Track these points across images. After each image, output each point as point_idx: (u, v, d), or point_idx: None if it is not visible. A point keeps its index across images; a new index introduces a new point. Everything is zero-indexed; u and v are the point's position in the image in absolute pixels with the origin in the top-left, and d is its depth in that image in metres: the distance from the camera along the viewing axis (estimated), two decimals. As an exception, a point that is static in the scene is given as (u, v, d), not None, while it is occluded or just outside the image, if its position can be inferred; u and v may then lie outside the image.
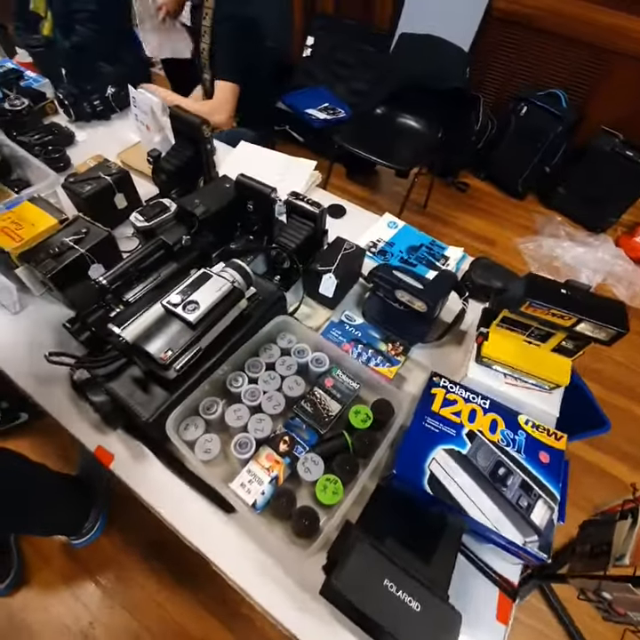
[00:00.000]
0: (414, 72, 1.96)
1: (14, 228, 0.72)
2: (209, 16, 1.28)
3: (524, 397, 0.61)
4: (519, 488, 0.52)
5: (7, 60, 1.32)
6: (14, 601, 1.14)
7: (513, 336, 0.60)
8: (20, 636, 1.09)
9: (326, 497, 0.53)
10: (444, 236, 2.22)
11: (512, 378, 0.62)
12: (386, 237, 0.97)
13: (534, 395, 0.61)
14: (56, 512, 1.05)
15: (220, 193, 0.82)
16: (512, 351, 0.59)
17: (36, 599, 1.15)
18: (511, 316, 0.57)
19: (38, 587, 1.16)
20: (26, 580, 1.16)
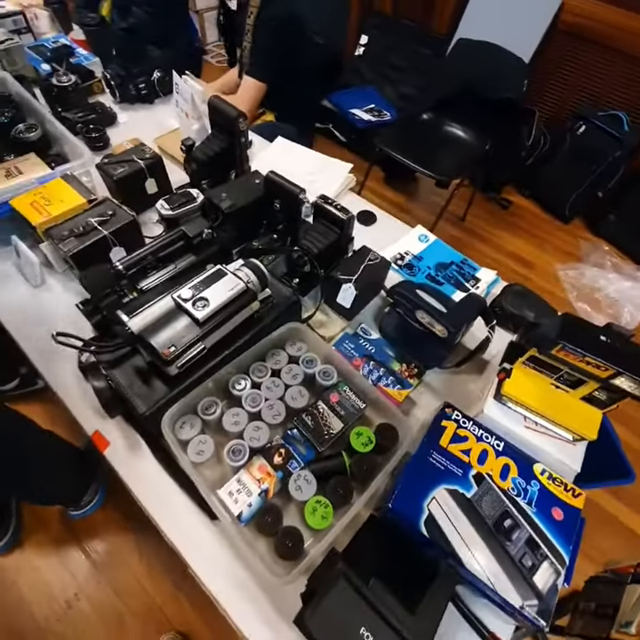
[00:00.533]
0: (468, 79, 1.89)
1: (43, 203, 0.73)
2: (253, 15, 1.28)
3: (544, 445, 0.56)
4: (525, 545, 0.47)
5: (62, 36, 1.35)
6: (7, 561, 1.17)
7: (539, 377, 0.55)
8: (9, 597, 1.13)
9: (314, 520, 0.50)
10: (480, 253, 2.14)
11: (533, 422, 0.57)
12: (415, 251, 0.93)
13: (555, 444, 0.56)
14: (57, 480, 1.07)
15: (248, 188, 0.80)
16: (536, 393, 0.55)
17: (29, 562, 1.18)
18: (540, 357, 0.52)
19: (32, 550, 1.20)
20: (21, 542, 1.20)
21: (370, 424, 0.62)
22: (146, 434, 0.61)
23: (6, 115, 0.94)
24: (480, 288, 0.88)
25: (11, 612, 1.11)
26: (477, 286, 0.89)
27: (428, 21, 2.49)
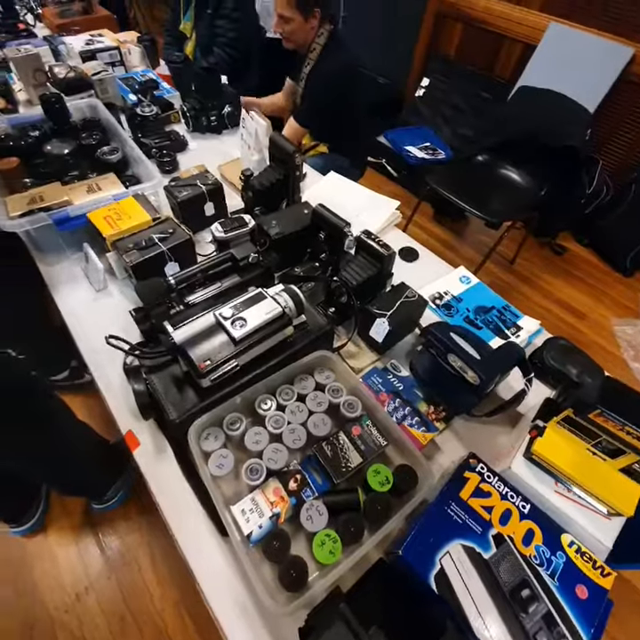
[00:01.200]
0: (528, 125, 1.89)
1: (115, 218, 0.81)
2: (310, 66, 1.38)
3: (575, 514, 0.52)
4: (541, 619, 0.44)
5: (149, 70, 1.52)
6: (30, 544, 1.23)
7: (574, 440, 0.52)
8: (26, 581, 1.18)
9: (322, 554, 0.50)
10: (527, 298, 2.06)
11: (564, 487, 0.53)
12: (455, 292, 0.92)
13: (588, 515, 0.52)
14: (85, 472, 1.13)
15: (297, 218, 0.84)
16: (570, 457, 0.51)
17: (48, 549, 1.23)
18: (576, 419, 0.50)
19: (53, 536, 1.25)
20: (45, 527, 1.26)
21: (389, 463, 0.61)
22: (173, 440, 0.64)
23: (94, 137, 1.07)
24: (521, 337, 0.85)
25: (25, 596, 1.16)
26: (518, 335, 0.86)
27: (492, 67, 2.53)
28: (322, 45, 1.39)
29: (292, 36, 1.38)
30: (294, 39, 1.39)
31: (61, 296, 0.85)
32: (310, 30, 1.36)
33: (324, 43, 1.38)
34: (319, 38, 1.38)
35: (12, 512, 1.19)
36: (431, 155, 2.60)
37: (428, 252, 1.03)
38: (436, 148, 2.64)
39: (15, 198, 0.85)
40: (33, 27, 1.95)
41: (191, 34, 1.84)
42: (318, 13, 1.32)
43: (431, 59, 2.79)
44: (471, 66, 2.60)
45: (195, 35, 1.83)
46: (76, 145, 1.04)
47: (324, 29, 1.37)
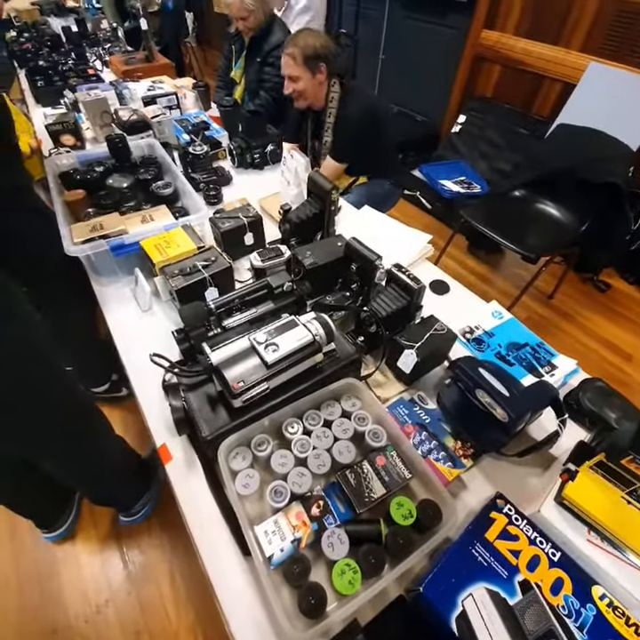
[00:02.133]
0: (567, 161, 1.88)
1: (164, 245, 0.88)
2: (332, 115, 1.46)
3: (607, 566, 0.49)
4: (571, 678, 0.41)
5: (202, 113, 1.67)
6: (58, 551, 1.28)
7: (608, 487, 0.50)
8: (51, 586, 1.22)
9: (341, 584, 0.49)
10: (567, 335, 1.99)
11: (597, 536, 0.51)
12: (486, 326, 0.92)
13: (622, 567, 0.49)
14: (117, 483, 1.17)
15: (330, 249, 0.89)
16: (603, 504, 0.49)
17: (75, 557, 1.27)
18: (610, 465, 0.48)
19: (81, 545, 1.29)
20: (74, 535, 1.30)
21: (413, 496, 0.61)
22: (203, 456, 0.66)
23: (150, 173, 1.18)
24: (556, 376, 0.83)
25: (49, 600, 1.19)
26: (553, 374, 0.83)
27: (530, 105, 2.57)
28: (338, 93, 1.45)
29: (303, 94, 1.44)
30: (306, 96, 1.45)
31: (111, 314, 0.93)
32: (319, 85, 1.43)
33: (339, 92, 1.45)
34: (334, 87, 1.45)
35: (46, 517, 1.24)
36: (466, 188, 2.63)
37: (459, 285, 1.03)
38: (471, 182, 2.67)
39: (79, 226, 0.95)
40: (101, 72, 2.21)
41: (240, 80, 2.02)
42: (324, 67, 1.39)
43: (468, 97, 2.86)
44: (508, 104, 2.65)
45: (244, 80, 2.00)
46: (134, 179, 1.15)
47: (335, 80, 1.44)
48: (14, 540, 1.31)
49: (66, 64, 2.13)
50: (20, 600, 1.19)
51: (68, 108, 1.76)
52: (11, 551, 1.29)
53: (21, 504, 1.14)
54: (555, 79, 2.38)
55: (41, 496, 1.18)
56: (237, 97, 2.03)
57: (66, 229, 0.93)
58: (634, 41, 1.99)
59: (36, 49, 2.35)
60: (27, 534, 1.31)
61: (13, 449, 0.85)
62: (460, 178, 2.71)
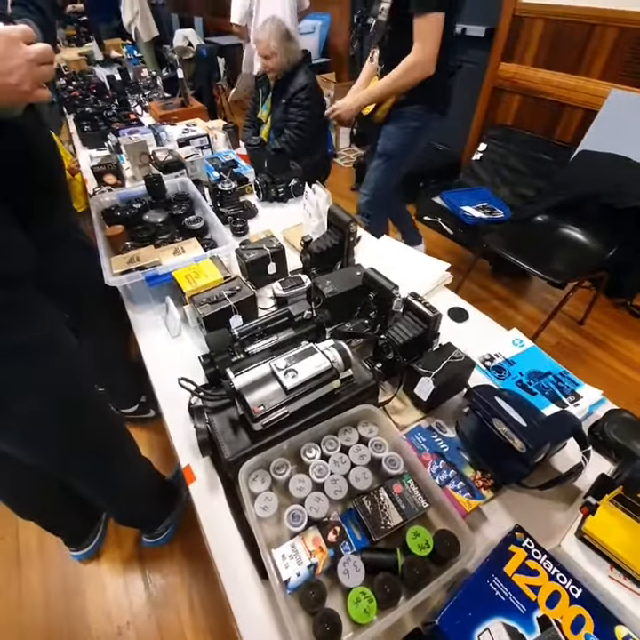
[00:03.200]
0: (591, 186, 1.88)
1: (194, 276, 0.95)
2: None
3: (631, 604, 0.47)
4: None
5: (231, 151, 1.79)
6: (84, 569, 1.31)
7: (629, 522, 0.49)
8: (75, 604, 1.25)
9: (356, 612, 0.50)
10: (599, 362, 1.92)
11: (620, 573, 0.49)
12: (507, 354, 0.91)
13: (649, 608, 0.47)
14: (142, 504, 1.20)
15: (349, 278, 0.92)
16: (625, 540, 0.48)
17: (99, 577, 1.30)
18: (629, 499, 0.47)
19: (105, 565, 1.32)
20: (99, 554, 1.34)
21: (430, 526, 0.61)
22: (225, 478, 0.69)
23: (183, 208, 1.27)
24: (580, 406, 0.81)
25: (73, 618, 1.22)
26: (577, 404, 0.81)
27: (552, 132, 2.59)
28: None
29: None
30: None
31: (144, 339, 0.99)
32: None
33: None
34: None
35: (74, 535, 1.29)
36: (489, 214, 2.63)
37: (478, 312, 1.04)
38: (494, 208, 2.68)
39: (118, 259, 1.04)
40: (141, 116, 2.41)
41: (267, 119, 2.16)
42: None
43: (488, 126, 2.92)
44: (529, 131, 2.68)
45: (270, 120, 2.14)
46: (168, 215, 1.25)
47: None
48: (43, 556, 1.35)
49: (110, 110, 2.34)
50: (46, 615, 1.23)
51: (111, 150, 1.93)
52: (40, 566, 1.33)
53: (52, 521, 1.19)
54: (575, 106, 2.40)
55: (71, 514, 1.23)
56: (264, 135, 2.17)
57: (106, 262, 1.02)
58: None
59: (83, 96, 2.60)
60: (55, 551, 1.35)
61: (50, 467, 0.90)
62: (482, 204, 2.73)
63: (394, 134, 1.66)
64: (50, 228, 0.96)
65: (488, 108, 2.90)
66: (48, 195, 0.96)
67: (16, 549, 1.37)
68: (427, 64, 1.36)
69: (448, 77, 1.55)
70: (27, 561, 1.34)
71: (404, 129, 1.63)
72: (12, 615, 1.23)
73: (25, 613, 1.23)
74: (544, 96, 2.51)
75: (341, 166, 3.71)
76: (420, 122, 1.60)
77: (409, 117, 1.60)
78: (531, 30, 2.43)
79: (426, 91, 1.45)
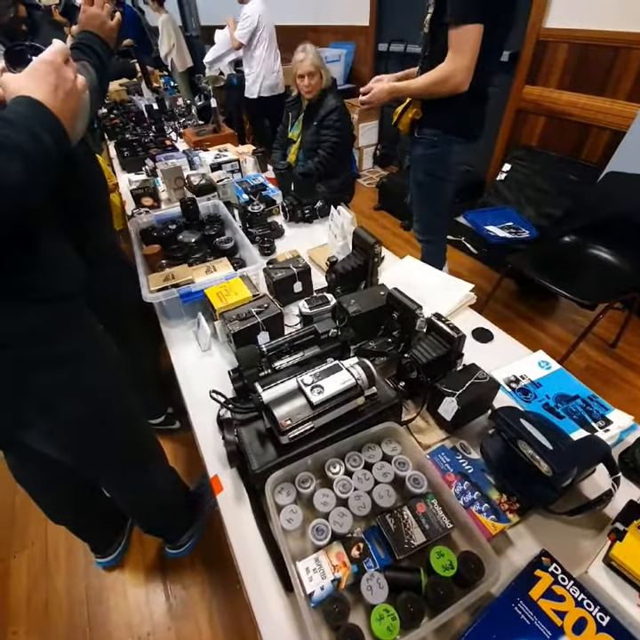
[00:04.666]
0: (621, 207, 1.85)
1: (224, 293, 1.00)
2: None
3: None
4: None
5: (259, 175, 1.88)
6: (107, 577, 1.34)
7: (660, 550, 0.48)
8: (99, 611, 1.27)
9: (380, 629, 0.50)
10: (633, 386, 1.84)
11: (652, 604, 0.47)
12: (533, 376, 0.91)
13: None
14: (168, 513, 1.23)
15: (373, 298, 0.95)
16: (656, 568, 0.47)
17: (122, 585, 1.32)
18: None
19: (129, 574, 1.35)
20: (123, 560, 1.37)
21: (454, 547, 0.60)
22: (251, 489, 0.71)
23: (214, 229, 1.34)
24: (611, 432, 0.79)
25: (95, 624, 1.24)
26: (607, 429, 0.79)
27: (578, 153, 2.57)
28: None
29: None
30: None
31: (176, 352, 1.04)
32: None
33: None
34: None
35: (101, 542, 1.32)
36: (514, 234, 2.62)
37: (503, 333, 1.04)
38: (519, 227, 2.66)
39: (155, 276, 1.10)
40: (175, 142, 2.56)
41: (297, 138, 2.26)
42: None
43: (513, 147, 2.93)
44: (555, 152, 2.68)
45: (300, 139, 2.24)
46: (200, 235, 1.32)
47: None
48: (70, 563, 1.39)
49: (147, 136, 2.51)
50: (69, 621, 1.26)
51: (148, 174, 2.06)
52: (66, 573, 1.37)
53: (82, 526, 1.23)
54: (602, 127, 2.39)
55: (99, 521, 1.27)
56: (292, 154, 2.27)
57: (144, 279, 1.09)
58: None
59: (123, 124, 2.79)
60: (82, 557, 1.39)
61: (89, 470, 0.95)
62: (507, 223, 2.71)
63: (419, 163, 1.62)
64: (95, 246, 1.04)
65: (512, 129, 2.91)
66: (95, 216, 1.04)
67: (44, 555, 1.42)
68: (458, 76, 1.27)
69: (482, 101, 1.46)
70: (55, 567, 1.39)
71: (425, 157, 1.59)
72: (38, 620, 1.27)
73: (49, 619, 1.27)
74: (569, 117, 2.51)
75: (365, 187, 3.79)
76: (438, 148, 1.54)
77: (427, 144, 1.55)
78: (555, 54, 2.46)
79: (447, 112, 1.40)
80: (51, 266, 0.68)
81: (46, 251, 0.67)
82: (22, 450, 0.82)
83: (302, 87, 2.09)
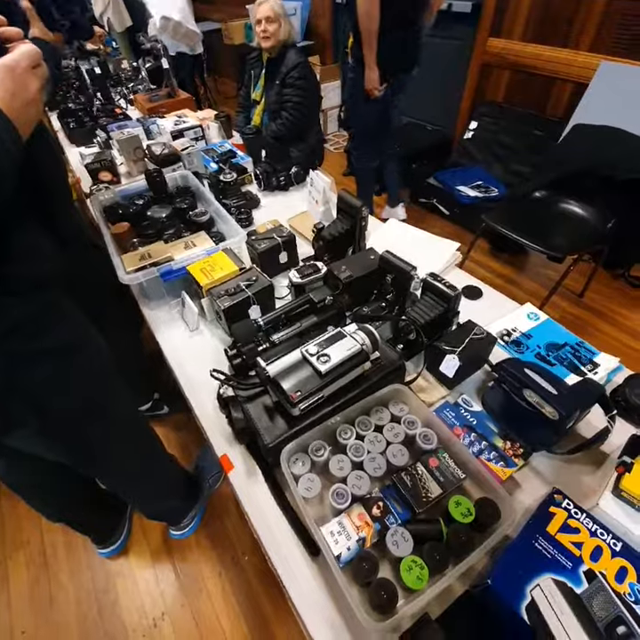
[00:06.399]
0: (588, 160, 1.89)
1: (209, 269, 0.95)
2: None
3: None
4: (645, 663, 0.42)
5: (225, 141, 1.77)
6: (113, 565, 1.33)
7: (665, 476, 0.52)
8: (107, 598, 1.27)
9: (410, 579, 0.52)
10: (603, 334, 1.96)
11: (658, 525, 0.52)
12: (523, 328, 0.93)
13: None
14: (168, 499, 1.22)
15: (364, 263, 0.93)
16: (661, 493, 0.51)
17: (129, 570, 1.32)
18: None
19: (134, 559, 1.34)
20: (127, 550, 1.36)
21: (468, 496, 0.63)
22: (263, 464, 0.70)
23: (186, 202, 1.26)
24: (599, 374, 0.83)
25: (106, 613, 1.24)
26: (596, 372, 0.84)
27: (543, 107, 2.58)
28: None
29: None
30: None
31: (162, 335, 0.99)
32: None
33: None
34: None
35: (101, 533, 1.30)
36: (484, 192, 2.64)
37: (491, 289, 1.05)
38: (488, 186, 2.68)
39: (129, 256, 1.03)
40: (126, 109, 2.36)
41: (261, 99, 2.13)
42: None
43: (478, 103, 2.90)
44: (521, 107, 2.67)
45: (263, 100, 2.12)
46: (172, 209, 1.23)
47: None
48: (70, 556, 1.37)
49: (93, 105, 2.29)
50: (78, 611, 1.25)
51: (101, 147, 1.88)
52: (68, 566, 1.35)
53: (81, 521, 1.20)
54: (566, 80, 2.39)
55: (99, 512, 1.24)
56: (257, 115, 2.14)
57: (117, 260, 1.01)
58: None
59: (63, 92, 2.52)
60: (82, 549, 1.37)
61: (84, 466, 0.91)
62: (477, 182, 2.73)
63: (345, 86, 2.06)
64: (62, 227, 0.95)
65: (477, 84, 2.87)
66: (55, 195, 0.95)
67: (42, 552, 1.38)
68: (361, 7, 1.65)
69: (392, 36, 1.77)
70: (54, 562, 1.36)
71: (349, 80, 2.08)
72: (45, 614, 1.25)
73: (57, 613, 1.25)
74: (534, 71, 2.50)
75: (332, 152, 3.67)
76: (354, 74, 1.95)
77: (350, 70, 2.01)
78: (518, 4, 2.40)
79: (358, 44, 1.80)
80: (24, 253, 0.62)
81: (16, 238, 0.60)
82: (11, 453, 0.77)
83: (259, 33, 1.93)
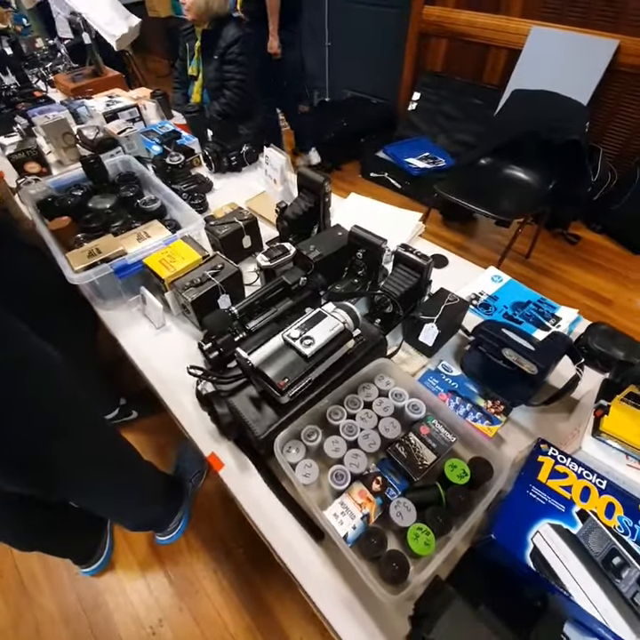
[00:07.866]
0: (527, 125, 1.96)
1: (169, 260, 0.88)
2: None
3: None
4: (636, 583, 0.46)
5: (166, 122, 1.64)
6: (99, 582, 1.27)
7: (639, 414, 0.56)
8: (98, 617, 1.21)
9: (418, 546, 0.53)
10: (550, 290, 2.08)
11: (636, 460, 0.56)
12: (489, 291, 0.97)
13: (663, 482, 0.55)
14: (154, 507, 1.17)
15: (332, 240, 0.91)
16: (637, 430, 0.55)
17: (118, 584, 1.26)
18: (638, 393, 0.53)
19: (121, 571, 1.28)
20: (112, 563, 1.29)
21: (461, 458, 0.64)
22: (254, 456, 0.68)
23: (132, 189, 1.16)
24: (562, 327, 0.89)
25: (100, 631, 1.18)
26: (559, 325, 0.89)
27: (480, 75, 2.63)
28: None
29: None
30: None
31: (124, 337, 0.92)
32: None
33: None
34: None
35: (82, 553, 1.23)
36: (432, 163, 2.68)
37: (455, 257, 1.08)
38: (435, 157, 2.73)
39: (75, 254, 0.93)
40: (46, 92, 2.12)
41: (198, 75, 1.98)
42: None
43: (419, 74, 2.90)
44: (459, 76, 2.71)
45: (201, 75, 1.97)
46: (116, 198, 1.13)
47: None
48: (51, 579, 1.28)
49: (8, 89, 2.03)
50: (69, 634, 1.18)
51: (23, 135, 1.68)
52: (49, 589, 1.27)
53: (58, 546, 1.12)
54: (500, 47, 2.45)
55: (77, 533, 1.17)
56: (195, 93, 2.00)
57: (62, 258, 0.91)
58: (571, 1, 2.08)
59: (-30, 77, 2.22)
60: (63, 571, 1.29)
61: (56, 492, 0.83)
62: (425, 154, 2.76)
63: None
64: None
65: (417, 54, 2.87)
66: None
67: (19, 581, 1.29)
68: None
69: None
70: (34, 588, 1.27)
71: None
72: (32, 642, 1.17)
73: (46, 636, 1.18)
74: (469, 38, 2.53)
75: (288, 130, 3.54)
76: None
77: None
78: (451, -32, 2.40)
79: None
80: None
81: None
82: None
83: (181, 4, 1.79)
